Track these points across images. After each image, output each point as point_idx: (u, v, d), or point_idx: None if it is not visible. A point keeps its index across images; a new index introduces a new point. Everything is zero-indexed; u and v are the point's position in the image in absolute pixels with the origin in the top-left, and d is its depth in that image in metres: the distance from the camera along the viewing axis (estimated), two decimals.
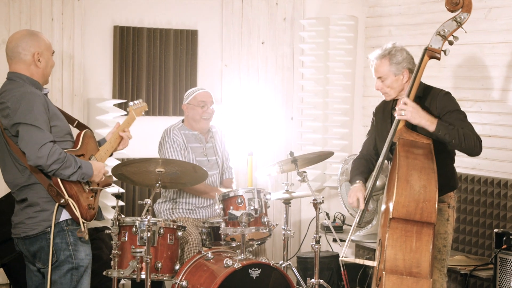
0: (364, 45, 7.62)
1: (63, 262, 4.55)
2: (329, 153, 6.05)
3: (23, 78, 4.53)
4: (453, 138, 4.70)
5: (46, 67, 4.61)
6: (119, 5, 7.04)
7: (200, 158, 6.06)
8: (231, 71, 7.52)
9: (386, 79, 5.00)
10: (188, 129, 6.16)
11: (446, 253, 4.96)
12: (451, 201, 4.99)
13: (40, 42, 4.58)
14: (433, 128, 4.70)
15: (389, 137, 4.84)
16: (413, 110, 4.70)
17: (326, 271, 6.78)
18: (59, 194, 4.44)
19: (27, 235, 4.54)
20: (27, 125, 4.35)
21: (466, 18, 4.79)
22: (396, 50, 5.00)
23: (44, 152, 4.30)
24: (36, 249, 4.56)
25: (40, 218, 4.51)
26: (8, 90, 4.49)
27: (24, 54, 4.53)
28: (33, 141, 4.32)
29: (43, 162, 4.32)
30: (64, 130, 4.58)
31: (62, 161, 4.36)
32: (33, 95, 4.42)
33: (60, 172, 4.39)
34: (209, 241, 5.62)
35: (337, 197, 7.10)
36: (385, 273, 4.58)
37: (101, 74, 7.00)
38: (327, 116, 7.69)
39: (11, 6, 6.53)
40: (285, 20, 7.68)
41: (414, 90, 4.81)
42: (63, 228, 4.54)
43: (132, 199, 7.08)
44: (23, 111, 4.37)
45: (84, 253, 4.64)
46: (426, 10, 6.85)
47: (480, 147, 4.81)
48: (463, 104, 6.07)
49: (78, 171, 4.45)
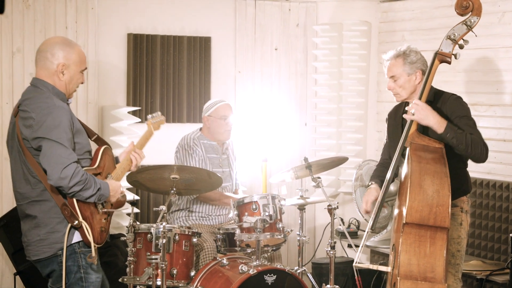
0: (378, 50, 7.62)
1: (74, 285, 4.42)
2: (343, 158, 6.04)
3: (48, 87, 4.38)
4: (460, 143, 4.68)
5: (70, 82, 4.46)
6: (132, 12, 7.06)
7: (216, 169, 6.05)
8: (245, 78, 7.53)
9: (399, 79, 5.00)
10: (207, 139, 6.16)
11: (460, 258, 4.94)
12: (464, 206, 4.97)
13: (71, 54, 4.42)
14: (441, 130, 4.69)
15: (401, 142, 4.83)
16: (422, 111, 4.70)
17: (341, 276, 6.77)
18: (73, 215, 4.27)
19: (38, 258, 4.41)
20: (51, 141, 4.19)
21: (476, 22, 4.77)
22: (411, 51, 5.02)
23: (67, 173, 4.15)
24: (49, 272, 4.44)
25: (52, 240, 4.35)
26: (32, 98, 4.33)
27: (50, 62, 4.38)
28: (57, 160, 4.16)
29: (65, 184, 4.17)
30: (84, 148, 4.43)
31: (83, 183, 4.21)
32: (60, 110, 4.26)
33: (80, 194, 4.24)
34: (224, 247, 5.62)
35: (352, 202, 7.09)
36: (399, 278, 4.56)
37: (115, 82, 7.01)
38: (341, 122, 7.68)
39: (25, 15, 6.56)
40: (298, 26, 7.69)
41: (425, 94, 4.80)
42: (75, 251, 4.39)
43: (147, 206, 7.09)
44: (48, 126, 4.21)
45: (95, 276, 4.49)
46: (439, 14, 6.84)
47: (486, 155, 4.79)
48: (477, 108, 6.07)
49: (97, 193, 4.31)
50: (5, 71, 6.54)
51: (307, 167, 5.77)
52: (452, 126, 4.71)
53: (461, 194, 4.95)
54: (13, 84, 6.50)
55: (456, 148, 4.74)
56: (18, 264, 6.04)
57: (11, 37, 6.54)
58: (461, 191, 4.92)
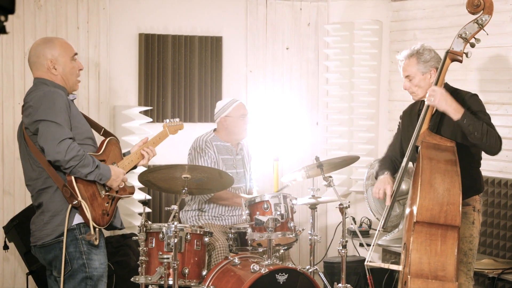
0: (389, 49, 7.61)
1: (77, 271, 4.51)
2: (355, 157, 6.04)
3: (46, 83, 4.54)
4: (476, 130, 4.66)
5: (65, 73, 4.60)
6: (144, 12, 7.07)
7: (230, 171, 6.04)
8: (256, 77, 7.54)
9: (414, 78, 4.99)
10: (221, 141, 6.17)
11: (472, 257, 4.94)
12: (476, 205, 4.96)
13: (54, 49, 4.58)
14: (458, 116, 4.67)
15: (412, 140, 4.83)
16: (441, 97, 4.70)
17: (353, 275, 6.77)
18: (72, 195, 4.39)
19: (43, 242, 4.52)
20: (47, 121, 4.35)
21: (487, 20, 4.77)
22: (424, 49, 5.01)
23: (62, 147, 4.29)
24: (52, 258, 4.54)
25: (55, 223, 4.48)
26: (33, 91, 4.52)
27: (40, 64, 4.57)
28: (52, 136, 4.31)
29: (61, 157, 4.30)
30: (84, 133, 4.56)
31: (80, 158, 4.33)
32: (55, 94, 4.43)
33: (78, 169, 4.35)
34: (236, 247, 5.62)
35: (363, 201, 7.09)
36: (410, 277, 4.56)
37: (126, 82, 7.03)
38: (352, 121, 7.68)
39: (37, 15, 6.58)
40: (309, 25, 7.69)
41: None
42: (76, 237, 4.49)
43: (159, 206, 7.10)
44: (44, 108, 4.37)
45: (98, 262, 4.57)
46: (451, 13, 6.83)
47: (500, 146, 4.78)
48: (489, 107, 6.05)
49: (96, 171, 4.42)
50: (17, 72, 6.57)
51: (319, 166, 5.76)
52: (469, 114, 4.70)
53: (474, 193, 4.93)
54: (25, 85, 6.53)
55: (471, 136, 4.70)
56: (31, 264, 6.06)
57: (22, 37, 6.57)
58: (473, 190, 4.91)
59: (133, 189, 4.87)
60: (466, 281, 4.91)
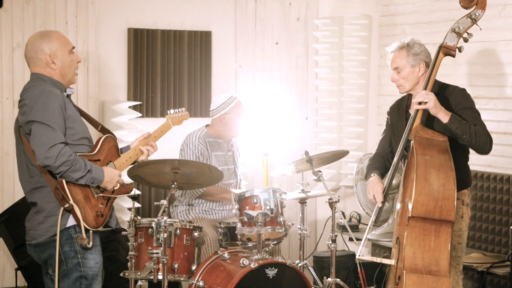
0: (379, 44, 7.62)
1: (72, 270, 4.49)
2: (345, 152, 6.04)
3: (44, 78, 4.48)
4: (465, 133, 4.71)
5: (63, 67, 4.53)
6: (133, 7, 7.06)
7: (222, 167, 6.04)
8: (245, 72, 7.53)
9: (403, 70, 5.01)
10: (213, 137, 6.16)
11: (461, 251, 4.95)
12: (465, 199, 4.98)
13: (52, 43, 4.50)
14: (447, 119, 4.72)
15: (405, 135, 4.84)
16: (435, 100, 4.74)
17: (343, 270, 6.78)
18: (64, 198, 4.36)
19: (37, 242, 4.50)
20: (40, 123, 4.29)
21: (480, 15, 4.79)
22: (414, 43, 5.05)
23: (53, 153, 4.24)
24: (47, 257, 4.53)
25: (48, 224, 4.45)
26: (29, 88, 4.45)
27: (38, 58, 4.49)
28: (43, 141, 4.26)
29: (51, 163, 4.26)
30: (80, 134, 4.50)
31: (71, 163, 4.29)
32: (50, 94, 4.37)
33: (69, 174, 4.31)
34: (225, 241, 5.63)
35: (353, 196, 7.09)
36: (405, 272, 4.57)
37: (115, 77, 7.01)
38: (342, 116, 7.68)
39: (25, 10, 6.56)
40: (298, 20, 7.68)
41: (429, 87, 4.83)
42: (71, 236, 4.47)
43: (148, 201, 7.10)
44: (38, 109, 4.31)
45: (93, 261, 4.56)
46: (440, 8, 6.84)
47: (490, 146, 4.82)
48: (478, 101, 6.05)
49: (87, 175, 4.38)
50: (5, 67, 6.54)
51: (308, 160, 5.77)
52: (456, 116, 4.74)
53: (462, 187, 4.95)
54: (13, 80, 6.51)
55: (460, 139, 4.74)
56: (20, 260, 6.04)
57: (11, 32, 6.54)
58: (462, 184, 4.91)
59: (131, 187, 4.81)
60: (456, 275, 4.93)
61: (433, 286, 4.57)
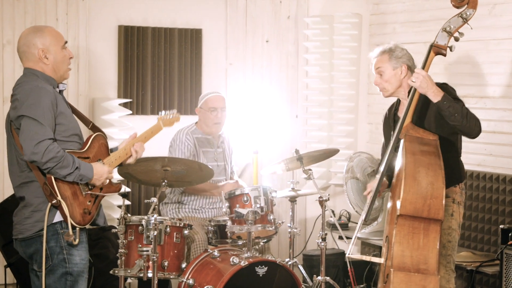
0: (369, 43, 7.62)
1: (57, 266, 4.46)
2: (335, 150, 6.06)
3: (36, 74, 4.47)
4: (456, 112, 4.71)
5: (56, 62, 4.51)
6: (123, 4, 7.04)
7: (211, 163, 6.03)
8: (236, 70, 7.53)
9: (384, 73, 5.06)
10: (201, 133, 6.16)
11: (451, 249, 4.96)
12: (456, 196, 5.00)
13: (45, 38, 4.49)
14: (438, 98, 4.73)
15: (395, 134, 4.85)
16: (423, 79, 4.74)
17: (332, 268, 6.79)
18: (52, 194, 4.33)
19: (23, 236, 4.48)
20: (29, 118, 4.27)
21: (471, 14, 4.81)
22: (396, 47, 5.13)
23: (40, 148, 4.22)
24: (32, 252, 4.50)
25: (35, 219, 4.43)
26: (21, 83, 4.44)
27: (30, 53, 4.47)
28: (31, 136, 4.24)
29: (38, 159, 4.23)
30: (70, 130, 4.48)
31: (58, 160, 4.26)
32: (42, 90, 4.35)
33: (56, 171, 4.29)
34: (215, 239, 5.63)
35: (343, 194, 7.10)
36: (393, 270, 4.58)
37: (106, 74, 7.00)
38: (332, 114, 7.69)
39: (15, 6, 6.53)
40: (289, 18, 7.68)
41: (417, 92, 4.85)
42: (57, 231, 4.44)
43: (138, 198, 7.09)
44: (29, 104, 4.30)
45: (79, 258, 4.52)
46: (430, 7, 6.85)
47: (480, 129, 4.82)
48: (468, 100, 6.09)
49: (75, 172, 4.35)
50: None
51: (298, 159, 5.77)
52: (448, 96, 4.75)
53: (452, 184, 4.96)
54: (3, 77, 6.49)
55: (451, 118, 4.73)
56: (9, 257, 6.03)
57: (1, 29, 6.52)
58: (450, 181, 4.91)
59: (119, 186, 4.77)
60: (446, 273, 4.94)
61: (421, 284, 4.58)
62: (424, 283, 4.58)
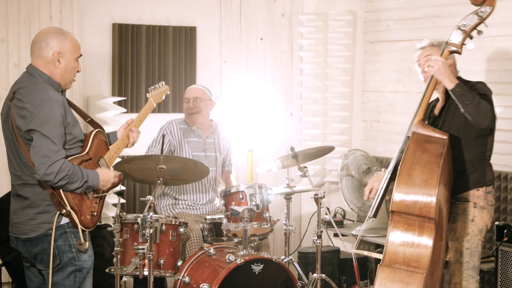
0: (363, 40, 7.63)
1: (66, 265, 4.46)
2: (330, 148, 6.06)
3: (43, 77, 4.42)
4: (467, 100, 4.65)
5: (66, 69, 4.48)
6: (117, 2, 7.03)
7: (197, 153, 6.10)
8: (230, 68, 7.52)
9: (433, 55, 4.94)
10: (187, 125, 6.21)
11: (469, 256, 4.91)
12: (478, 201, 4.92)
13: (66, 42, 4.46)
14: (452, 85, 4.69)
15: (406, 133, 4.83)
16: (441, 66, 4.70)
17: (327, 265, 6.79)
18: (60, 204, 4.33)
19: (28, 237, 4.44)
20: (42, 135, 4.23)
21: (488, 12, 4.72)
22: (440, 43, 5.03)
23: (53, 169, 4.21)
24: (38, 251, 4.47)
25: (41, 220, 4.40)
26: (28, 87, 4.38)
27: (46, 51, 4.42)
28: (45, 156, 4.21)
29: (51, 179, 4.22)
30: (76, 138, 4.46)
31: (69, 177, 4.26)
32: (54, 104, 4.30)
33: (66, 187, 4.29)
34: (211, 237, 5.63)
35: (337, 192, 7.11)
36: (379, 265, 4.58)
37: (100, 72, 6.99)
38: (326, 112, 7.69)
39: (9, 5, 6.51)
40: (283, 16, 7.68)
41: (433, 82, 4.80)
42: (65, 230, 4.43)
43: (133, 196, 7.08)
44: (41, 119, 4.25)
45: (87, 255, 4.54)
46: (424, 4, 6.85)
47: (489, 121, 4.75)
48: None
49: (84, 185, 4.35)
50: None
51: (294, 156, 5.78)
52: (463, 85, 4.71)
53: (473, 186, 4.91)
54: None
55: (463, 106, 4.69)
56: (4, 255, 6.01)
57: None
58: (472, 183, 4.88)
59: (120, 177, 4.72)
60: (464, 280, 4.89)
61: (405, 281, 4.54)
62: (409, 280, 4.53)
